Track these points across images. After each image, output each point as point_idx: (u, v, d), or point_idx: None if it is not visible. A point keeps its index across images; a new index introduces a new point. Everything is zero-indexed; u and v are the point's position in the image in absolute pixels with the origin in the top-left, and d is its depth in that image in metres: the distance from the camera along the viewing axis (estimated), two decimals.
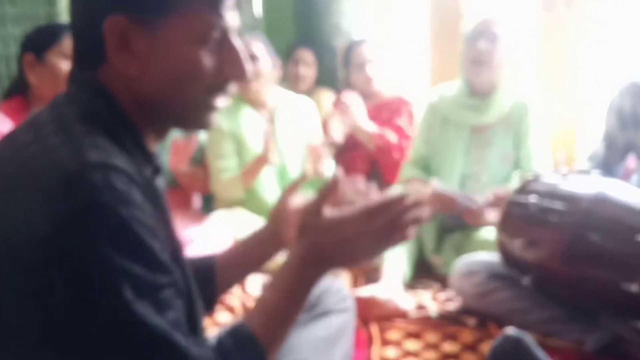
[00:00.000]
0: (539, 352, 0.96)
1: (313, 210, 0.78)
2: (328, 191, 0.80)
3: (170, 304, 0.63)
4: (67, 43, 1.57)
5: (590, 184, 1.36)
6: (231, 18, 0.72)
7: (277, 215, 1.01)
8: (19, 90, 1.66)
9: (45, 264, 0.59)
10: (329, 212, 0.78)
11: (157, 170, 0.75)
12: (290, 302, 0.76)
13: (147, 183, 0.68)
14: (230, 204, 2.16)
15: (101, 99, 0.69)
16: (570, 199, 1.33)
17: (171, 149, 2.14)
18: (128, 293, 0.59)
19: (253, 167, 2.10)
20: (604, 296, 1.25)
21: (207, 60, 0.70)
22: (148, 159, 0.73)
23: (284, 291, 0.76)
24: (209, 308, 0.98)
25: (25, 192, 0.62)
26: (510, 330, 1.00)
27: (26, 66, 1.59)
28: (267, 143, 2.04)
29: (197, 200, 2.40)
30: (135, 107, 0.71)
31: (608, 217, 1.27)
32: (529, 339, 0.98)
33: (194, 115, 0.74)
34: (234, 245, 1.07)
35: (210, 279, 0.97)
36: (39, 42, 1.61)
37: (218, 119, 0.76)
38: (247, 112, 2.18)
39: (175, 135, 2.13)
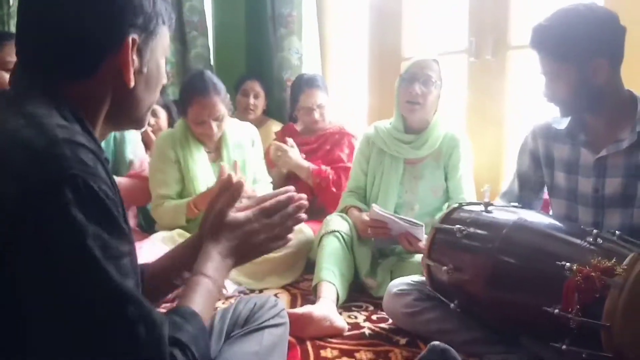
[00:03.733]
0: None
1: (220, 212, 0.90)
2: (230, 196, 0.91)
3: (129, 272, 0.67)
4: (7, 53, 1.52)
5: (510, 213, 1.41)
6: None
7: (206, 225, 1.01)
8: None
9: (18, 233, 0.61)
10: (231, 213, 0.90)
11: (107, 160, 0.76)
12: (214, 287, 0.85)
13: (105, 162, 0.71)
14: (172, 227, 2.10)
15: (59, 101, 0.72)
16: (491, 226, 1.37)
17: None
18: (97, 253, 0.63)
19: (201, 200, 2.02)
20: (526, 319, 1.27)
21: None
22: (99, 148, 0.74)
23: (210, 278, 0.85)
24: None
25: None
26: (436, 342, 1.01)
27: None
28: (222, 177, 1.93)
29: (133, 219, 2.31)
30: (108, 114, 0.79)
31: (527, 243, 1.30)
32: (453, 352, 0.99)
33: (147, 114, 0.86)
34: (163, 255, 1.05)
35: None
36: None
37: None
38: (193, 143, 2.14)
39: None
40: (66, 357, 0.64)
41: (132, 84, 0.77)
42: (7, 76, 1.47)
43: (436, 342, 1.01)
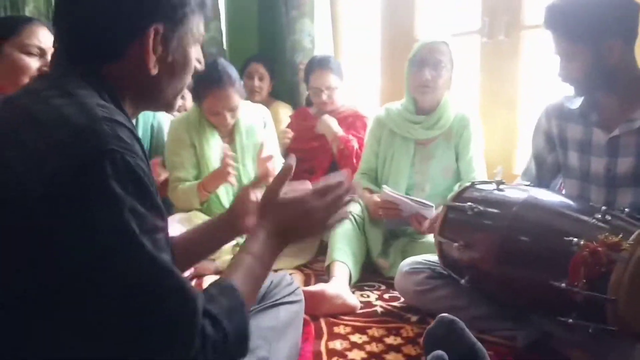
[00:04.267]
0: (470, 334, 1.00)
1: (271, 192, 0.90)
2: (283, 177, 0.90)
3: (164, 247, 0.69)
4: (26, 36, 1.53)
5: (520, 191, 1.42)
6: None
7: (238, 205, 1.08)
8: None
9: (55, 201, 0.64)
10: (284, 194, 0.89)
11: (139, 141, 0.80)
12: (261, 265, 0.85)
13: (141, 141, 0.74)
14: (188, 209, 2.14)
15: (98, 84, 0.76)
16: (502, 204, 1.39)
17: None
18: (135, 226, 0.65)
19: (209, 182, 2.07)
20: (535, 294, 1.29)
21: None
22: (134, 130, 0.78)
23: (256, 256, 0.85)
24: None
25: (33, 146, 0.66)
26: (444, 314, 1.04)
27: None
28: (225, 162, 2.01)
29: None
30: (135, 97, 0.82)
31: (537, 220, 1.32)
32: (461, 323, 1.02)
33: (176, 100, 0.88)
34: (189, 231, 1.10)
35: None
36: None
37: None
38: (207, 128, 2.17)
39: None
40: (100, 326, 0.67)
41: (155, 71, 0.80)
42: (27, 59, 1.53)
43: (444, 314, 1.04)
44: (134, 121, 2.33)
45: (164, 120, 2.29)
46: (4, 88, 1.51)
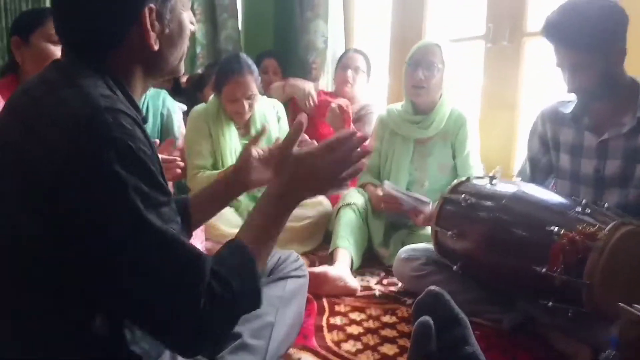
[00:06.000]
0: (454, 305, 1.10)
1: (283, 150, 0.92)
2: (294, 135, 0.92)
3: (169, 218, 0.75)
4: (51, 26, 1.58)
5: (511, 185, 1.52)
6: None
7: (242, 162, 1.16)
8: (10, 69, 1.72)
9: (67, 186, 0.70)
10: (297, 149, 0.91)
11: (144, 119, 0.87)
12: (273, 223, 0.88)
13: (142, 126, 0.80)
14: None
15: (102, 71, 0.82)
16: (493, 197, 1.49)
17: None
18: (139, 204, 0.71)
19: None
20: (519, 279, 1.38)
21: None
22: (138, 112, 0.86)
23: (268, 215, 0.88)
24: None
25: (44, 134, 0.74)
26: (432, 287, 1.13)
27: (13, 47, 1.65)
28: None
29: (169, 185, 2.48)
30: (143, 74, 0.87)
31: (523, 212, 1.41)
32: (447, 295, 1.12)
33: (180, 63, 0.92)
34: (200, 191, 1.20)
35: (186, 214, 1.10)
36: (24, 25, 1.66)
37: None
38: (224, 119, 2.27)
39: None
40: (115, 293, 0.73)
41: (157, 46, 0.84)
42: (53, 48, 1.62)
43: (432, 287, 1.13)
44: (143, 109, 2.39)
45: (173, 108, 2.38)
46: (33, 73, 1.60)
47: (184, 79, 3.22)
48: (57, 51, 1.62)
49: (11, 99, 0.84)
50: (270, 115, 2.36)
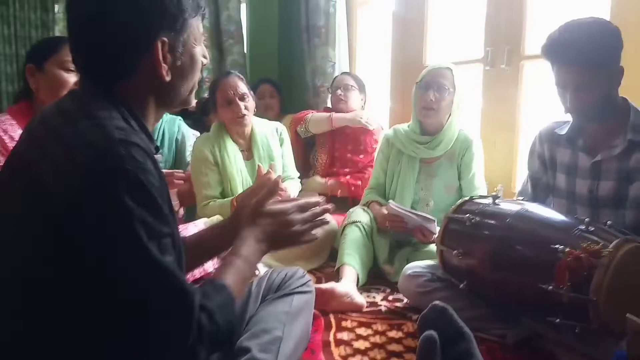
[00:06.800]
0: (458, 319, 1.10)
1: (259, 203, 1.03)
2: (271, 190, 1.04)
3: (169, 250, 0.78)
4: (65, 54, 1.63)
5: (514, 205, 1.53)
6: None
7: (239, 212, 1.17)
8: (24, 96, 1.74)
9: (75, 212, 0.73)
10: (269, 205, 1.03)
11: (157, 148, 0.90)
12: (247, 266, 0.96)
13: (154, 158, 0.83)
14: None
15: (117, 102, 0.85)
16: (497, 216, 1.50)
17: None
18: (143, 235, 0.74)
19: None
20: (525, 296, 1.37)
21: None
22: (151, 140, 0.88)
23: (242, 258, 0.96)
24: None
25: (59, 162, 0.76)
26: (437, 302, 1.14)
27: (28, 75, 1.68)
28: (260, 175, 2.08)
29: (180, 211, 2.49)
30: (155, 103, 0.89)
31: (527, 230, 1.42)
32: (451, 310, 1.12)
33: (191, 95, 0.96)
34: (201, 232, 1.22)
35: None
36: (39, 53, 1.69)
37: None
38: (228, 143, 2.29)
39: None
40: (109, 318, 0.75)
41: (168, 78, 0.87)
42: (66, 75, 1.65)
43: (437, 302, 1.14)
44: (160, 135, 2.46)
45: (187, 134, 2.45)
46: (47, 101, 1.63)
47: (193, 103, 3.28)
48: (70, 78, 1.65)
49: (29, 127, 0.86)
50: (271, 137, 2.38)
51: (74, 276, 0.74)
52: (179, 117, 2.46)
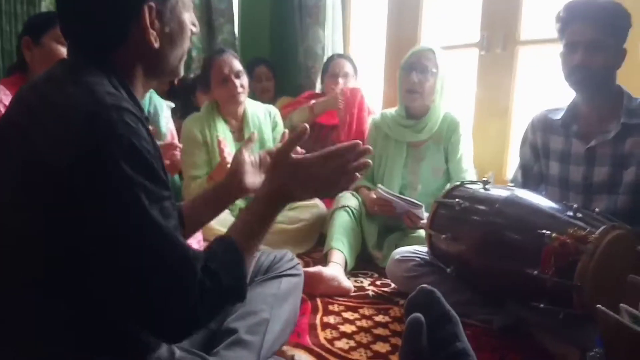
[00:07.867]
0: (445, 303, 1.11)
1: (281, 154, 0.94)
2: (295, 140, 0.94)
3: (170, 213, 0.77)
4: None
5: (504, 190, 1.53)
6: None
7: (235, 167, 1.17)
8: (18, 68, 1.75)
9: (71, 179, 0.71)
10: (294, 156, 0.93)
11: (146, 118, 0.88)
12: (261, 223, 0.91)
13: (145, 124, 0.82)
14: None
15: (107, 69, 0.83)
16: (486, 201, 1.50)
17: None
18: (144, 200, 0.73)
19: (215, 172, 2.17)
20: (511, 281, 1.38)
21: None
22: (140, 111, 0.86)
23: (258, 215, 0.91)
24: None
25: (50, 127, 0.75)
26: (424, 285, 1.14)
27: (24, 47, 1.69)
28: (220, 150, 2.10)
29: None
30: (144, 73, 0.88)
31: (515, 215, 1.42)
32: (438, 293, 1.13)
33: (180, 64, 0.93)
34: (195, 197, 1.21)
35: (180, 221, 1.10)
36: (36, 26, 1.70)
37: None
38: (219, 123, 2.27)
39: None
40: (114, 283, 0.74)
41: (157, 45, 0.85)
42: (62, 49, 1.64)
43: (424, 285, 1.14)
44: (147, 102, 2.40)
45: (160, 106, 2.37)
46: (41, 73, 1.64)
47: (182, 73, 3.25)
48: (65, 52, 1.64)
49: (19, 93, 0.85)
50: (263, 119, 2.37)
51: (65, 244, 0.73)
52: (151, 89, 2.41)
